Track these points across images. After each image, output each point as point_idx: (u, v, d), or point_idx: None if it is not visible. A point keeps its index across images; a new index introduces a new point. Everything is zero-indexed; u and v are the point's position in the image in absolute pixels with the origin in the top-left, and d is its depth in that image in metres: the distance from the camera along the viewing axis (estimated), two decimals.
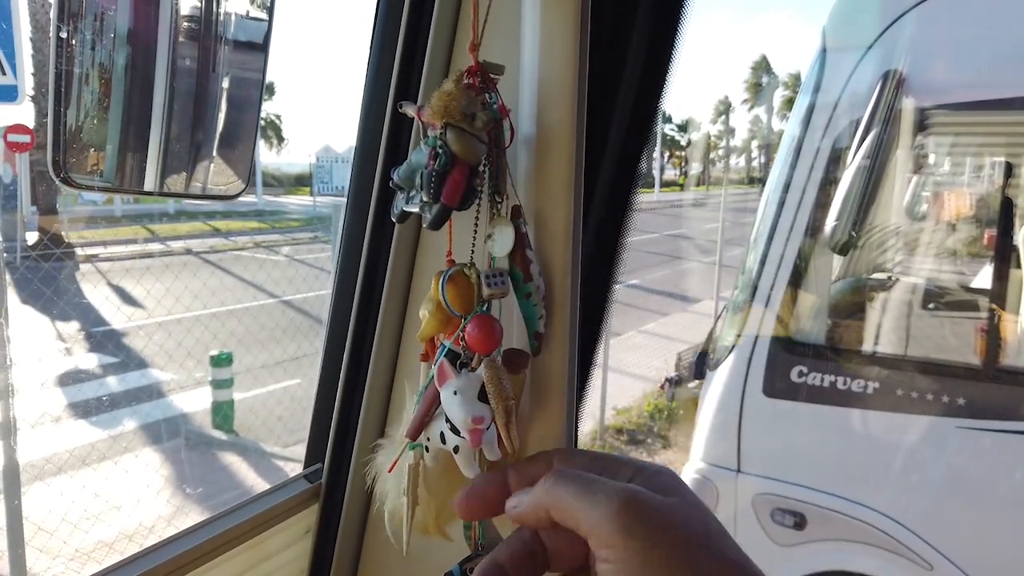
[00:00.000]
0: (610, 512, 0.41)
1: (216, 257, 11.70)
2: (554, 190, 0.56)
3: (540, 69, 0.55)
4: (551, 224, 0.57)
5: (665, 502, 0.42)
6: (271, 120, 38.18)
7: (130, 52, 0.76)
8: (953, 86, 2.87)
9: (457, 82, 0.54)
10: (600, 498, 0.42)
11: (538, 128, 0.56)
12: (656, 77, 0.64)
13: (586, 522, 0.42)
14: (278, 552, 0.78)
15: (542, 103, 0.56)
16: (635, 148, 0.67)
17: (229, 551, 0.71)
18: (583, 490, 0.43)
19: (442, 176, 0.52)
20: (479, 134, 0.53)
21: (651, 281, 12.03)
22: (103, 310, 7.61)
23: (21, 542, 3.16)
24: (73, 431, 5.06)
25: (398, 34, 0.68)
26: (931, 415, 2.70)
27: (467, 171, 0.53)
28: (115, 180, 0.82)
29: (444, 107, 0.53)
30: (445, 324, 0.59)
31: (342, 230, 0.78)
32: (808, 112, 3.01)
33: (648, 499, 0.42)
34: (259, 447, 5.26)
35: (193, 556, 0.68)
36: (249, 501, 0.75)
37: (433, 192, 0.53)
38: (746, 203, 17.19)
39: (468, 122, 0.53)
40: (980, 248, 3.46)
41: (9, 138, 6.95)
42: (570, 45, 0.54)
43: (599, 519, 0.41)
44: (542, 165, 0.56)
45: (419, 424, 0.58)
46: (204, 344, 5.83)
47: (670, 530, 0.41)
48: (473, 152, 0.53)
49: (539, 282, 0.56)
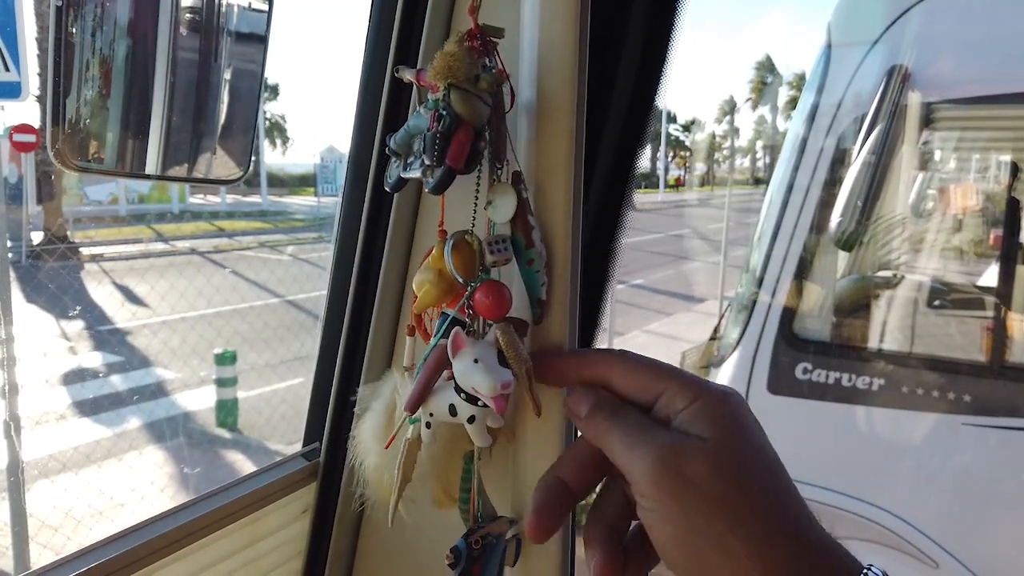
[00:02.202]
0: (645, 466, 0.44)
1: (221, 257, 11.72)
2: (554, 155, 0.56)
3: (540, 32, 0.54)
4: (551, 190, 0.56)
5: (698, 454, 0.43)
6: (276, 121, 38.26)
7: (131, 41, 0.76)
8: (959, 81, 2.86)
9: (459, 43, 0.53)
10: (637, 452, 0.45)
11: (538, 93, 0.55)
12: (660, 38, 0.63)
13: (627, 470, 0.46)
14: (276, 530, 0.77)
15: (542, 67, 0.55)
16: (639, 111, 0.66)
17: (226, 527, 0.70)
18: (626, 439, 0.46)
19: (446, 138, 0.51)
20: (483, 95, 0.52)
21: (655, 281, 12.02)
22: (108, 308, 7.63)
23: (25, 538, 3.17)
24: (77, 428, 5.07)
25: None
26: (937, 412, 2.68)
27: (471, 132, 0.52)
28: (116, 164, 0.82)
29: (447, 67, 0.52)
30: (447, 293, 0.59)
31: (340, 202, 0.77)
32: (812, 108, 2.99)
33: (680, 455, 0.43)
34: (263, 445, 5.26)
35: (187, 532, 0.67)
36: (246, 478, 0.74)
37: (437, 155, 0.52)
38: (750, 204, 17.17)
39: (472, 83, 0.52)
40: (986, 248, 3.44)
41: (15, 138, 6.98)
42: (571, 6, 0.53)
43: (636, 470, 0.44)
44: (542, 131, 0.56)
45: (418, 398, 0.57)
46: (209, 342, 5.83)
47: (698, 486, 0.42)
48: (477, 113, 0.52)
49: (540, 248, 0.55)
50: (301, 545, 0.81)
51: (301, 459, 0.81)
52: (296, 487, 0.78)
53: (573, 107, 0.55)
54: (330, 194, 17.45)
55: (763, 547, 0.41)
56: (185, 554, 0.68)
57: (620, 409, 0.48)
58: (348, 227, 0.76)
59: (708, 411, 0.45)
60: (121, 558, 0.64)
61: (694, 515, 0.42)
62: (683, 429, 0.45)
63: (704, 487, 0.42)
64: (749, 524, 0.41)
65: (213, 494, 0.72)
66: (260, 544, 0.76)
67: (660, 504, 0.43)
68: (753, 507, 0.42)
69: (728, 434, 0.44)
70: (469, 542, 0.57)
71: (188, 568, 0.69)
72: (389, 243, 0.73)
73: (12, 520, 3.11)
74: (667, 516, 0.43)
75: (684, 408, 0.46)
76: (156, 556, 0.66)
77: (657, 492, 0.43)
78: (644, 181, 35.57)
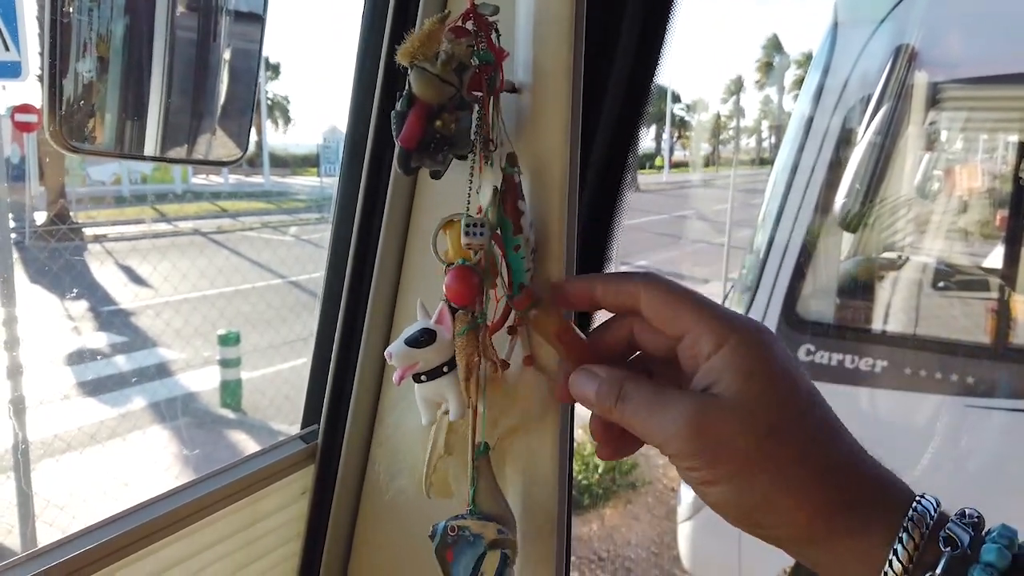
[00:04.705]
0: (676, 438, 0.43)
1: (223, 237, 11.72)
2: (550, 138, 0.55)
3: (536, 9, 0.53)
4: (546, 174, 0.55)
5: (729, 414, 0.42)
6: (278, 101, 38.12)
7: (128, 20, 0.75)
8: (966, 61, 2.83)
9: (438, 21, 0.52)
10: (664, 426, 0.44)
11: (534, 73, 0.54)
12: (661, 13, 0.62)
13: (656, 443, 0.45)
14: (273, 512, 0.77)
15: (538, 47, 0.54)
16: (638, 92, 0.65)
17: (223, 509, 0.70)
18: (649, 417, 0.45)
19: (401, 118, 0.51)
20: (443, 74, 0.51)
21: (659, 262, 12.00)
22: (111, 289, 7.64)
23: (31, 516, 3.19)
24: (81, 408, 5.09)
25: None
26: (940, 394, 2.68)
27: (423, 112, 0.52)
28: (115, 145, 0.81)
29: (408, 48, 0.51)
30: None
31: (338, 183, 0.77)
32: (818, 88, 2.97)
33: (711, 420, 0.42)
34: (267, 426, 5.28)
35: (185, 513, 0.67)
36: (245, 460, 0.74)
37: (395, 134, 0.52)
38: (755, 185, 17.09)
39: (431, 62, 0.51)
40: (992, 229, 3.42)
41: (17, 118, 6.96)
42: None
43: (668, 443, 0.43)
44: (537, 112, 0.55)
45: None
46: (212, 323, 5.84)
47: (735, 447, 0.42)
48: (433, 92, 0.51)
49: (529, 234, 0.55)
50: (300, 526, 0.81)
51: (299, 441, 0.81)
52: (294, 469, 0.78)
53: (569, 87, 0.54)
54: (333, 174, 17.43)
55: (810, 494, 0.41)
56: (184, 535, 0.68)
57: (630, 385, 0.47)
58: (344, 210, 0.76)
59: (735, 360, 0.43)
60: (121, 538, 0.64)
61: (736, 476, 0.42)
62: (711, 380, 0.44)
63: (740, 449, 0.42)
64: (791, 476, 0.41)
65: (211, 476, 0.72)
66: (258, 525, 0.76)
67: (700, 473, 0.43)
68: (792, 458, 0.41)
69: (758, 387, 0.43)
70: (447, 526, 0.56)
71: (187, 549, 0.69)
72: (385, 225, 0.73)
73: (18, 499, 3.14)
74: (709, 480, 0.43)
75: (710, 354, 0.44)
76: (155, 537, 0.66)
77: (693, 461, 0.43)
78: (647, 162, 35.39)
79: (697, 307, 0.46)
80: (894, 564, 0.38)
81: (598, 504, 4.38)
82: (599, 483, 4.52)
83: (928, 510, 0.40)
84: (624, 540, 4.05)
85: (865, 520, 0.40)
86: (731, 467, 0.42)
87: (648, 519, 4.26)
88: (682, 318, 0.46)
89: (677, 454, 0.43)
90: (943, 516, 0.40)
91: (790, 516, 0.41)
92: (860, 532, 0.40)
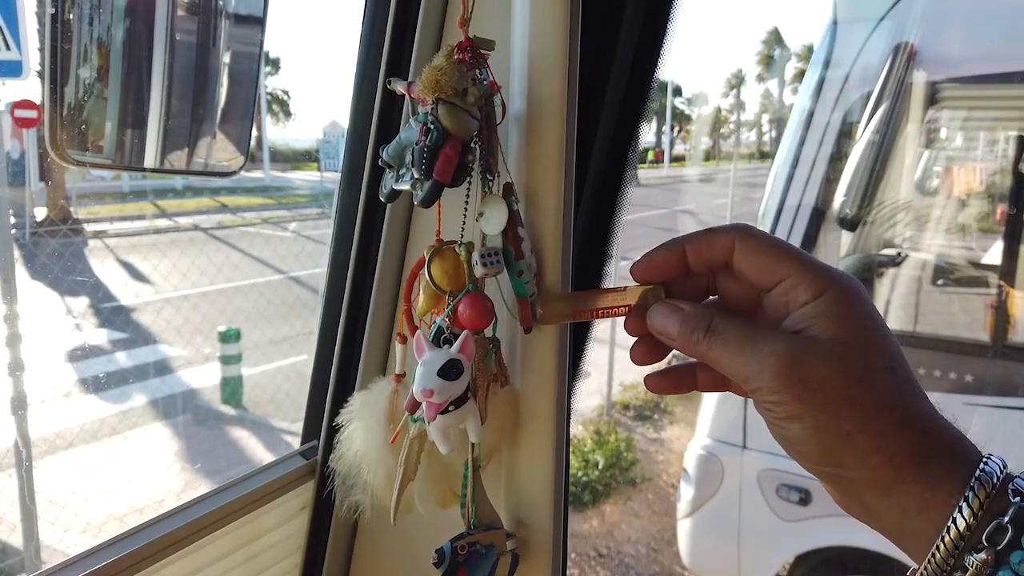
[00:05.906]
0: (766, 375, 0.44)
1: (223, 233, 11.71)
2: (546, 167, 0.55)
3: (531, 44, 0.54)
4: (542, 202, 0.56)
5: (822, 358, 0.44)
6: (278, 96, 38.01)
7: (128, 27, 0.75)
8: (966, 58, 2.83)
9: (448, 57, 0.53)
10: (754, 363, 0.45)
11: (529, 104, 0.55)
12: (651, 49, 0.63)
13: (742, 379, 0.46)
14: (274, 528, 0.78)
15: (533, 79, 0.55)
16: (630, 124, 0.65)
17: (224, 527, 0.71)
18: (738, 353, 0.46)
19: (434, 152, 0.52)
20: (471, 109, 0.52)
21: None
22: (112, 286, 7.65)
23: (34, 514, 3.21)
24: (83, 406, 5.10)
25: (388, 9, 0.67)
26: (938, 391, 2.69)
27: (459, 147, 0.52)
28: (115, 157, 0.81)
29: (435, 82, 0.52)
30: (437, 301, 0.59)
31: (336, 207, 0.77)
32: (818, 85, 2.96)
33: (802, 360, 0.44)
34: (267, 422, 5.30)
35: (188, 532, 0.68)
36: (244, 477, 0.75)
37: (425, 168, 0.52)
38: (756, 179, 17.07)
39: (460, 97, 0.52)
40: (992, 224, 3.42)
41: (16, 114, 6.94)
42: (561, 18, 0.53)
43: (756, 380, 0.45)
44: (534, 142, 0.56)
45: (416, 400, 0.57)
46: (212, 320, 5.85)
47: (824, 390, 0.43)
48: (465, 128, 0.52)
49: (531, 260, 0.56)
50: (300, 541, 0.82)
51: (299, 457, 0.82)
52: (294, 485, 0.79)
53: (564, 118, 0.55)
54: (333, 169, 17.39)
55: (890, 440, 0.43)
56: (186, 553, 0.69)
57: (720, 319, 0.48)
58: (343, 232, 0.76)
59: (833, 308, 0.45)
60: (125, 559, 0.65)
61: (821, 416, 0.43)
62: (804, 324, 0.45)
63: (830, 390, 0.43)
64: (876, 421, 0.43)
65: (214, 493, 0.73)
66: (260, 540, 0.77)
67: (784, 408, 0.44)
68: (879, 405, 0.43)
69: (853, 335, 0.45)
70: (455, 546, 0.57)
71: (189, 566, 0.70)
72: (384, 245, 0.73)
73: (20, 497, 3.15)
74: (792, 417, 0.44)
75: (807, 302, 0.46)
76: (158, 556, 0.67)
77: (780, 397, 0.44)
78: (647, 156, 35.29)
79: (797, 257, 0.47)
80: (963, 510, 0.41)
81: (598, 501, 4.40)
82: (599, 480, 4.53)
83: (995, 469, 0.42)
84: (624, 537, 4.07)
85: (935, 472, 0.42)
86: (818, 404, 0.43)
87: (648, 516, 4.28)
88: (782, 267, 0.47)
89: (764, 388, 0.45)
90: (1009, 475, 0.43)
91: (866, 459, 0.43)
92: (927, 482, 0.42)
